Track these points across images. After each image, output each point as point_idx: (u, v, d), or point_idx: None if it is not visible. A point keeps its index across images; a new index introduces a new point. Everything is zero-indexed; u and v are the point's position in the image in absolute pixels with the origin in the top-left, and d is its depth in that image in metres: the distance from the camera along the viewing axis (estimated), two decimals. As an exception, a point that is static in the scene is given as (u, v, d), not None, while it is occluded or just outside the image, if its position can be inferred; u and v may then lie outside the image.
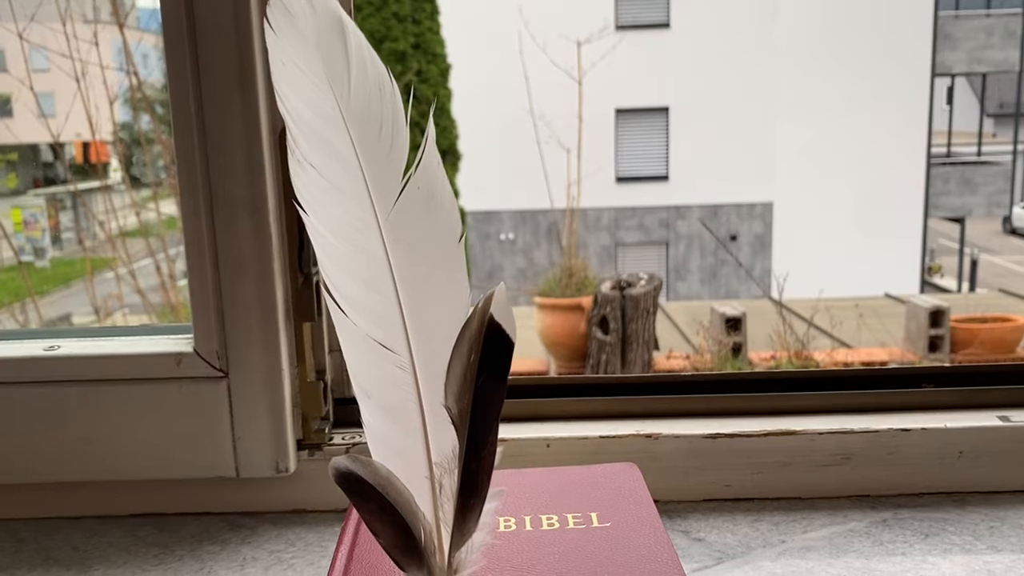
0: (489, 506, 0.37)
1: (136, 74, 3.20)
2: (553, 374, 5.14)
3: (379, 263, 0.37)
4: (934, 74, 10.25)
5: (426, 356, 0.38)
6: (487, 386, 0.35)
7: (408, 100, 0.38)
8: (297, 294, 0.58)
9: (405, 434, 0.38)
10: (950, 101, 13.00)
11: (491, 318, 0.35)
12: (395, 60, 7.34)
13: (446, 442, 0.37)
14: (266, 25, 0.36)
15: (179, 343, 0.59)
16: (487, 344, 0.35)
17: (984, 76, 12.74)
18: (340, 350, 0.61)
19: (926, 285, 10.82)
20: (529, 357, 5.27)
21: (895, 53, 9.95)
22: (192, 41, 0.54)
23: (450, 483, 0.37)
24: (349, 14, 0.56)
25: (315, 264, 0.59)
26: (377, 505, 0.35)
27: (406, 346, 0.38)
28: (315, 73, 0.36)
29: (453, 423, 0.36)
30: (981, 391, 0.63)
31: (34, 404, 0.59)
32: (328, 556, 0.55)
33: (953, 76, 12.21)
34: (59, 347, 0.59)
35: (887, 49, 9.92)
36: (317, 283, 0.59)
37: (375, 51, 0.38)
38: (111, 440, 0.59)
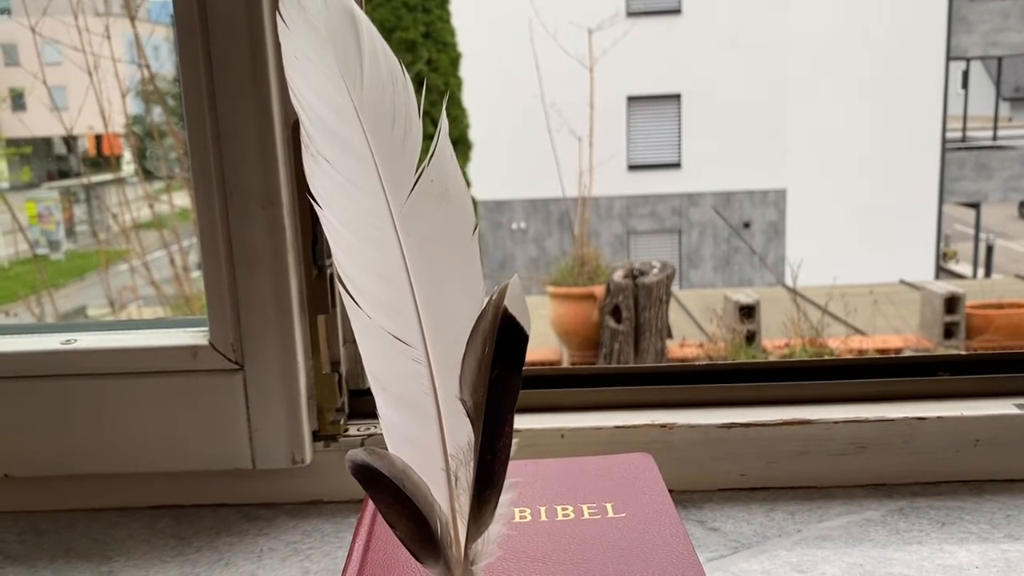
0: (505, 497, 0.37)
1: (148, 67, 3.21)
2: (566, 363, 5.14)
3: (393, 256, 0.37)
4: (949, 58, 10.15)
5: (441, 349, 0.38)
6: (502, 379, 0.35)
7: (421, 92, 0.38)
8: (311, 286, 0.59)
9: (421, 426, 0.38)
10: (965, 85, 12.87)
11: (505, 310, 0.35)
12: (405, 49, 7.34)
13: (462, 434, 0.37)
14: (279, 19, 0.36)
15: (195, 336, 0.59)
16: (501, 337, 0.35)
17: (1000, 59, 12.60)
18: (354, 342, 0.61)
19: (941, 271, 10.75)
20: (541, 346, 5.27)
21: (909, 37, 9.86)
22: (204, 35, 0.54)
23: (466, 475, 0.37)
24: (360, 5, 0.56)
25: (329, 256, 0.59)
26: (393, 497, 0.36)
27: (421, 339, 0.38)
28: (328, 67, 0.36)
29: (468, 416, 0.36)
30: (997, 379, 0.63)
31: (51, 397, 0.59)
32: (344, 547, 0.56)
33: (968, 60, 12.08)
34: (76, 341, 0.60)
35: (901, 33, 9.83)
36: (331, 275, 0.59)
37: (385, 41, 0.38)
38: (128, 433, 0.59)
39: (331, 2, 0.36)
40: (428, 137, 0.38)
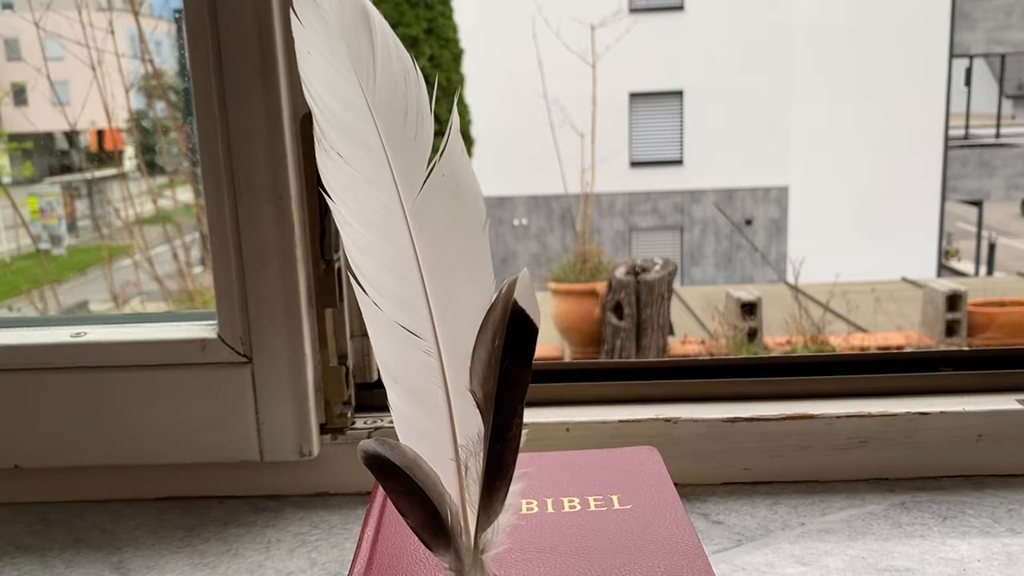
0: (514, 487, 0.38)
1: (151, 62, 3.21)
2: (567, 360, 5.15)
3: (405, 250, 0.38)
4: (952, 55, 10.14)
5: (452, 341, 0.38)
6: (512, 371, 0.35)
7: (432, 89, 0.38)
8: (319, 280, 0.59)
9: (431, 417, 0.38)
10: (968, 82, 12.84)
11: (515, 303, 0.35)
12: (408, 45, 7.28)
13: (472, 425, 0.37)
14: (292, 16, 0.36)
15: (203, 329, 0.60)
16: (511, 329, 0.35)
17: (1003, 57, 12.57)
18: (362, 335, 0.62)
19: (943, 269, 10.74)
20: (543, 343, 5.27)
21: (912, 34, 9.85)
22: (214, 30, 0.55)
23: (476, 465, 0.37)
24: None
25: (337, 251, 0.59)
26: (405, 487, 0.36)
27: (432, 331, 0.38)
28: (341, 63, 0.37)
29: (478, 407, 0.36)
30: (999, 375, 0.64)
31: (61, 390, 0.60)
32: (351, 538, 0.56)
33: (971, 57, 12.05)
34: (85, 334, 0.60)
35: (904, 30, 9.81)
36: (339, 269, 0.60)
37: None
38: (137, 425, 0.60)
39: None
40: (439, 134, 0.38)
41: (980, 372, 0.64)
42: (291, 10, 0.36)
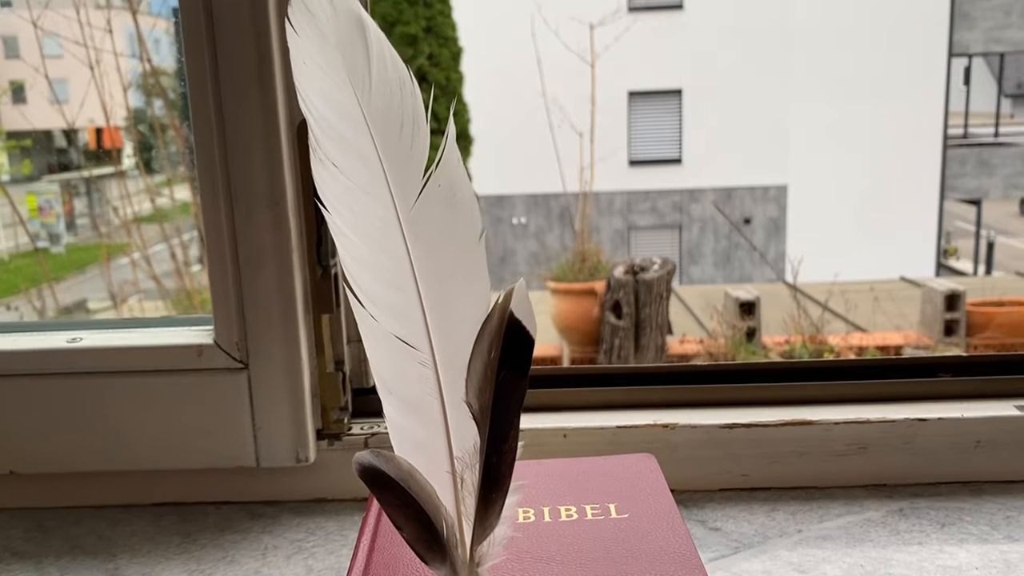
0: (510, 499, 0.38)
1: (149, 60, 3.20)
2: (566, 359, 5.15)
3: (400, 261, 0.38)
4: (951, 54, 10.14)
5: (447, 352, 0.38)
6: (508, 382, 0.35)
7: (429, 97, 0.38)
8: (316, 286, 0.59)
9: (427, 429, 0.38)
10: (967, 81, 12.83)
11: (511, 315, 0.35)
12: (406, 44, 7.33)
13: (468, 437, 0.37)
14: (287, 25, 0.36)
15: (200, 335, 0.59)
16: (507, 341, 0.35)
17: (1002, 56, 12.57)
18: (358, 341, 0.62)
19: (942, 268, 10.75)
20: (542, 342, 5.27)
21: (911, 33, 9.85)
22: (210, 35, 0.55)
23: (472, 478, 0.37)
24: (364, 6, 0.57)
25: (333, 256, 0.59)
26: (400, 499, 0.36)
27: (427, 342, 0.38)
28: (336, 73, 0.37)
29: (474, 419, 0.36)
30: (998, 381, 0.63)
31: (57, 395, 0.59)
32: (348, 545, 0.56)
33: (970, 56, 12.03)
34: (81, 339, 0.60)
35: (903, 29, 9.81)
36: (335, 275, 0.60)
37: (388, 38, 0.38)
38: (133, 430, 0.60)
39: (340, 9, 0.37)
40: (438, 134, 0.38)
41: (979, 378, 0.64)
42: (286, 20, 0.36)
